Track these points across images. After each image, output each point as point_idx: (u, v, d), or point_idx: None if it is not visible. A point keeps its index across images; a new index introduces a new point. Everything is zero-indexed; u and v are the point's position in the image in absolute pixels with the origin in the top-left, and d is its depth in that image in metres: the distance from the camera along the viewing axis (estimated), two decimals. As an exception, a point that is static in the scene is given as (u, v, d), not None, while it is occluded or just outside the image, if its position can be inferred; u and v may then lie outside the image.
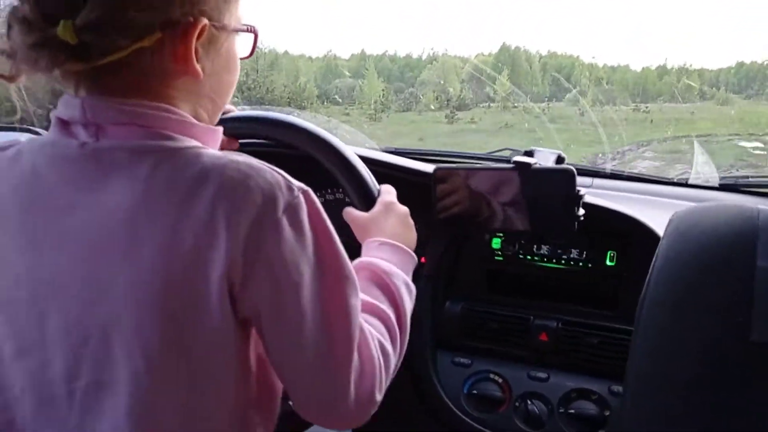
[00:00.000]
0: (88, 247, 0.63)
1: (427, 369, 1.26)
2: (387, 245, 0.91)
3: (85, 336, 0.64)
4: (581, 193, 1.00)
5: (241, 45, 0.78)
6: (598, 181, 1.62)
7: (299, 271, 0.65)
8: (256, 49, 0.80)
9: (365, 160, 1.11)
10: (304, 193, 0.67)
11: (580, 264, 1.24)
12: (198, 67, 0.68)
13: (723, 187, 1.60)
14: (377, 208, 0.99)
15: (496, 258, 1.29)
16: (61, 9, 0.61)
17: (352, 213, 1.00)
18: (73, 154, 0.66)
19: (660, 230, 1.07)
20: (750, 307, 0.78)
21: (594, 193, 1.53)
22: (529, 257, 1.27)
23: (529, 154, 1.12)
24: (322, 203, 0.70)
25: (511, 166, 1.04)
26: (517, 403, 1.20)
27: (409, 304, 0.87)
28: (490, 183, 1.06)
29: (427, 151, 1.86)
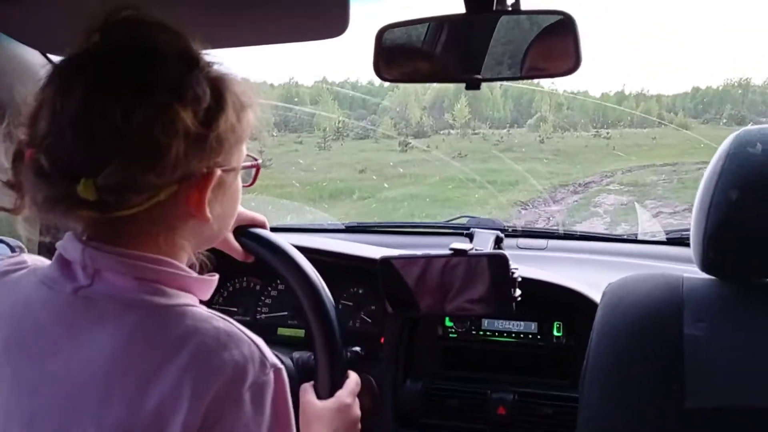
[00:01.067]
0: (64, 394, 0.64)
1: (391, 451, 1.28)
2: None
3: None
4: (515, 275, 1.06)
5: (245, 175, 0.80)
6: (552, 242, 1.68)
7: None
8: None
9: (315, 251, 1.17)
10: (276, 371, 0.67)
11: (530, 336, 1.29)
12: (208, 212, 0.69)
13: (670, 241, 1.67)
14: (331, 404, 0.96)
15: (450, 335, 1.34)
16: (84, 168, 0.62)
17: (306, 394, 0.97)
18: (66, 299, 0.67)
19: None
20: (682, 375, 0.82)
21: (548, 257, 1.60)
22: (481, 333, 1.32)
23: (470, 236, 1.18)
24: None
25: (449, 253, 1.10)
26: (479, 481, 1.22)
27: None
28: (431, 270, 1.12)
29: (388, 224, 1.93)
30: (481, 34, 0.92)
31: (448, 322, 1.34)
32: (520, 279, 1.07)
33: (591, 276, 1.28)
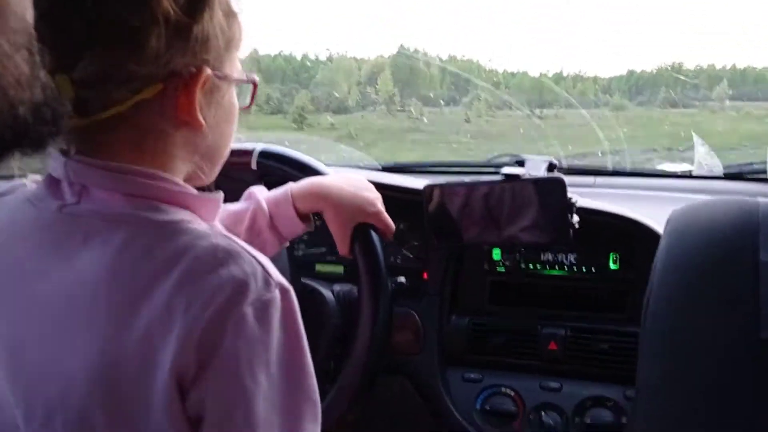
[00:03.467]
0: (50, 319, 0.61)
1: (438, 387, 1.24)
2: None
3: (28, 415, 0.60)
4: (573, 200, 0.98)
5: (241, 95, 0.74)
6: (600, 179, 1.61)
7: (255, 377, 0.58)
8: None
9: None
10: (283, 290, 0.60)
11: (584, 269, 1.22)
12: (201, 118, 0.65)
13: (728, 176, 1.58)
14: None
15: (498, 269, 1.28)
16: (58, 63, 0.58)
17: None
18: (50, 218, 0.64)
19: (661, 228, 1.05)
20: (757, 304, 0.76)
21: (596, 193, 1.51)
22: (531, 266, 1.25)
23: (520, 162, 1.11)
24: None
25: (500, 178, 1.03)
26: (531, 416, 1.18)
27: None
28: (481, 196, 1.05)
29: (427, 163, 1.86)
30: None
31: (495, 256, 1.27)
32: (578, 204, 0.99)
33: (645, 210, 1.20)
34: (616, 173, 1.66)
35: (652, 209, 1.18)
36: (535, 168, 1.09)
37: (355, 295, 1.13)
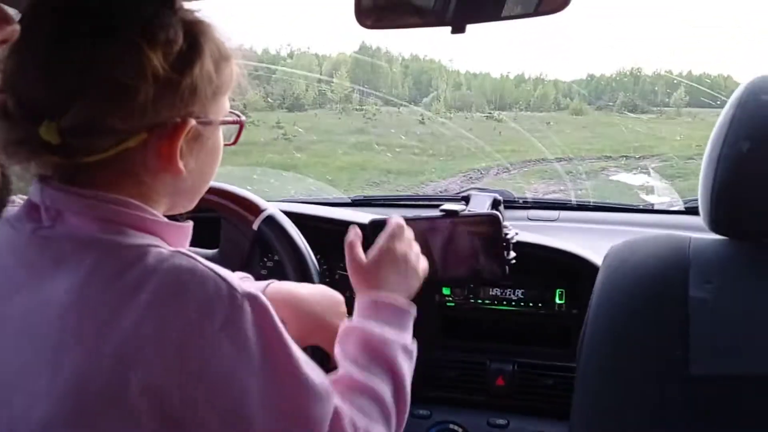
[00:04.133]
0: (25, 337, 0.60)
1: (387, 423, 1.24)
2: (381, 305, 0.82)
3: None
4: (510, 236, 1.00)
5: (227, 132, 0.75)
6: (565, 213, 1.62)
7: (242, 386, 0.59)
8: None
9: (305, 216, 1.13)
10: (251, 298, 0.61)
11: (531, 304, 1.23)
12: (181, 165, 0.65)
13: (689, 210, 1.60)
14: (373, 256, 0.87)
15: (448, 304, 1.28)
16: (47, 110, 0.59)
17: (354, 249, 0.88)
18: (25, 240, 0.64)
19: None
20: (686, 341, 0.77)
21: (559, 227, 1.53)
22: (479, 301, 1.26)
23: (466, 199, 1.12)
24: None
25: (440, 214, 1.04)
26: (479, 453, 1.18)
27: (408, 371, 0.79)
28: (423, 232, 1.06)
29: (394, 197, 1.88)
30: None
31: (445, 290, 1.28)
32: (514, 241, 1.01)
33: (603, 245, 1.21)
34: (580, 207, 1.68)
35: (610, 243, 1.20)
36: (480, 204, 1.10)
37: None
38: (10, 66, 0.61)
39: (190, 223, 0.73)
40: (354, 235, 0.89)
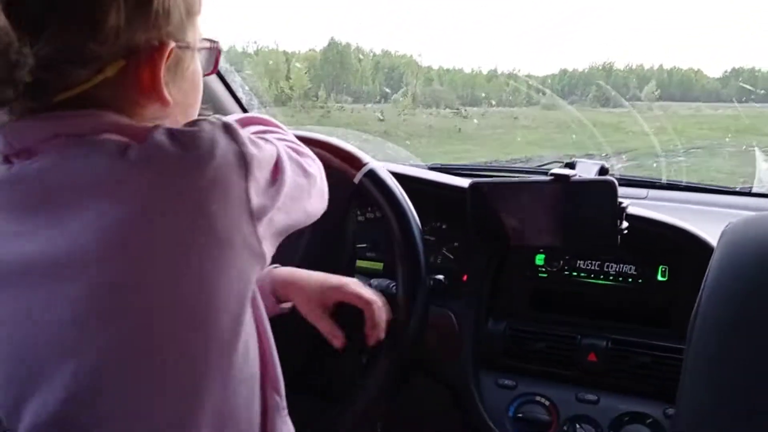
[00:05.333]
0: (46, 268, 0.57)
1: (470, 391, 1.22)
2: None
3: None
4: (624, 204, 0.95)
5: (204, 61, 0.72)
6: (654, 192, 1.55)
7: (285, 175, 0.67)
8: None
9: (400, 176, 1.10)
10: (254, 145, 0.63)
11: (630, 280, 1.18)
12: (166, 93, 0.63)
13: (785, 195, 1.51)
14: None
15: (540, 275, 1.25)
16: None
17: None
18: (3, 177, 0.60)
19: (715, 242, 1.01)
20: None
21: (649, 205, 1.46)
22: (575, 273, 1.22)
23: (571, 165, 1.08)
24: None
25: (549, 178, 1.00)
26: (565, 427, 1.14)
27: None
28: (527, 196, 1.02)
29: (475, 165, 1.84)
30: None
31: (538, 260, 1.24)
32: (628, 211, 0.96)
33: (698, 225, 1.15)
34: (671, 186, 1.60)
35: (705, 224, 1.14)
36: (586, 171, 1.06)
37: (393, 290, 1.12)
38: None
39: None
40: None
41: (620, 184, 1.56)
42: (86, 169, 0.57)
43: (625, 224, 0.96)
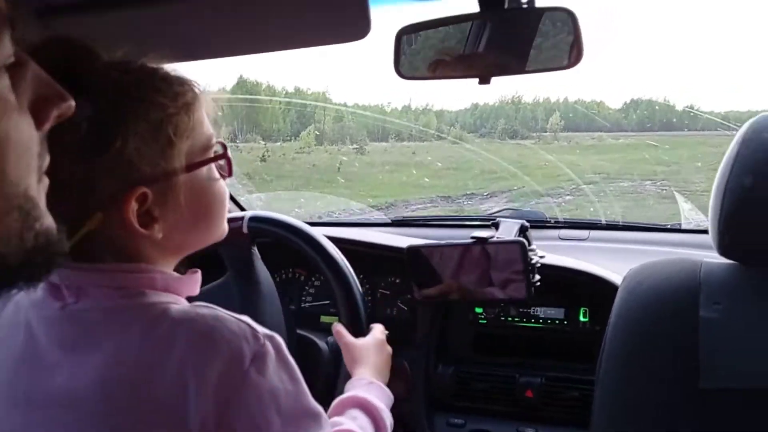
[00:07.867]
0: (69, 408, 0.65)
1: (425, 430, 1.34)
2: (375, 386, 1.00)
3: None
4: (534, 261, 1.09)
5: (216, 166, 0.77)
6: (595, 233, 1.69)
7: (267, 419, 0.65)
8: None
9: (339, 240, 1.23)
10: (270, 339, 0.68)
11: (557, 322, 1.32)
12: (156, 228, 0.69)
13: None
14: (370, 340, 1.11)
15: (480, 321, 1.38)
16: None
17: (345, 336, 1.11)
18: (56, 315, 0.68)
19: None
20: (696, 357, 0.84)
21: (589, 247, 1.61)
22: (509, 318, 1.36)
23: (496, 225, 1.22)
24: None
25: (471, 241, 1.14)
26: (509, 459, 1.26)
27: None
28: (455, 258, 1.16)
29: (433, 217, 1.98)
30: (492, 32, 0.95)
31: (477, 309, 1.38)
32: (539, 265, 1.10)
33: (630, 265, 1.28)
34: (609, 227, 1.74)
35: (637, 263, 1.27)
36: (508, 230, 1.20)
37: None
38: None
39: (198, 272, 0.78)
40: (340, 326, 1.14)
41: (563, 227, 1.73)
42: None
43: (537, 277, 1.10)
